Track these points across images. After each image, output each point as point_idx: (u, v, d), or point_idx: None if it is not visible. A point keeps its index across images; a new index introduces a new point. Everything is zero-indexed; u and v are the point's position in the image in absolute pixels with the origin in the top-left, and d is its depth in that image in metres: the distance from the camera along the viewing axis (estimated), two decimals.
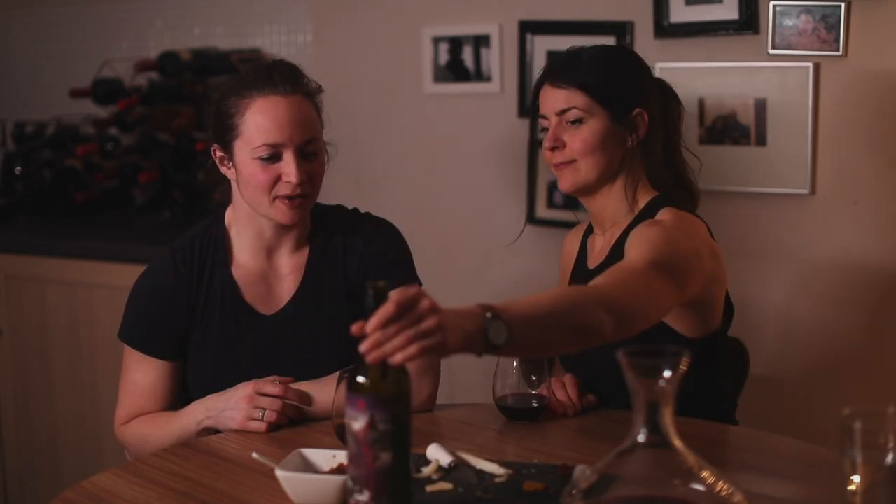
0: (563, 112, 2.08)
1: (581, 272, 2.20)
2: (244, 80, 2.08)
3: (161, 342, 2.13)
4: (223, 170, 2.13)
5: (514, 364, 2.02)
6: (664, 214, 2.06)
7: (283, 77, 2.06)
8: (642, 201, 2.12)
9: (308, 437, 1.96)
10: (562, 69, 2.11)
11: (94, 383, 3.52)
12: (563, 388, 2.04)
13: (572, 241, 2.32)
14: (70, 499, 1.74)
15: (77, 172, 4.03)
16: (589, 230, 2.26)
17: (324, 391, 2.03)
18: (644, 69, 2.17)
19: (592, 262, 2.18)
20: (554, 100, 2.10)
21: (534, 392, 2.02)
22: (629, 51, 2.26)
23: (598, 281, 1.78)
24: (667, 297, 1.83)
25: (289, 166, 2.03)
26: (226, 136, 2.08)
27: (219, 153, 2.11)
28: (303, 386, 2.05)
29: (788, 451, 1.89)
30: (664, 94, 2.19)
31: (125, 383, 2.17)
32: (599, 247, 2.17)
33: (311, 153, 2.07)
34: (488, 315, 1.53)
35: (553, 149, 2.10)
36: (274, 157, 2.04)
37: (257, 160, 2.04)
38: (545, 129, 2.12)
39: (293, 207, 2.06)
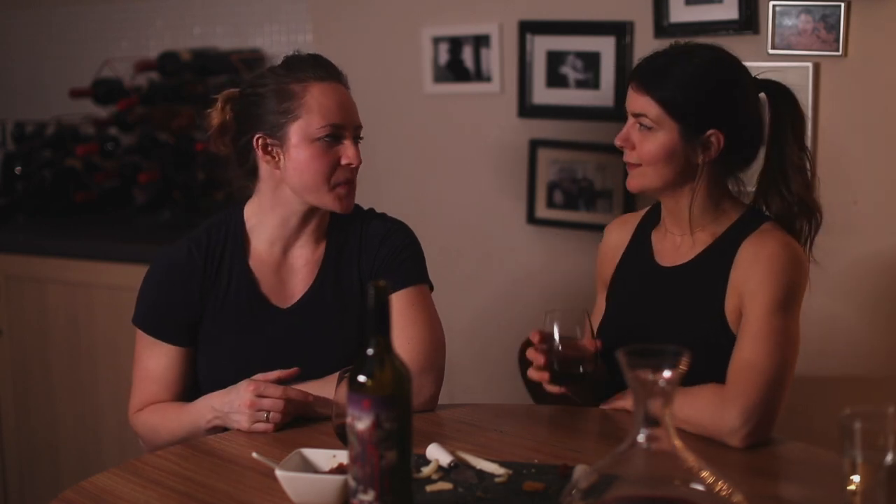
0: (637, 115, 2.08)
1: (649, 269, 2.17)
2: (293, 67, 2.11)
3: (172, 327, 2.13)
4: (266, 159, 2.10)
5: (556, 331, 1.99)
6: (773, 234, 2.04)
7: (331, 66, 2.14)
8: (732, 209, 2.11)
9: (308, 437, 1.96)
10: (649, 75, 2.07)
11: (94, 383, 3.52)
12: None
13: (619, 232, 2.27)
14: (70, 499, 1.74)
15: (77, 172, 4.03)
16: (649, 224, 2.23)
17: (325, 390, 2.03)
18: (738, 85, 2.09)
19: (668, 260, 2.14)
20: (633, 101, 2.09)
21: (579, 357, 1.98)
22: (729, 65, 2.11)
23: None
24: None
25: (349, 149, 2.10)
26: (279, 119, 2.08)
27: (265, 141, 2.10)
28: (304, 386, 2.05)
29: (788, 451, 1.89)
30: (775, 104, 2.13)
31: (138, 370, 2.17)
32: (677, 245, 2.14)
33: (359, 140, 2.15)
34: None
35: (622, 147, 2.11)
36: (336, 138, 2.09)
37: (317, 143, 2.07)
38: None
39: (348, 195, 2.12)
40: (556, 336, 1.98)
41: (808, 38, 2.64)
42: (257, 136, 2.11)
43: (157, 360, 2.14)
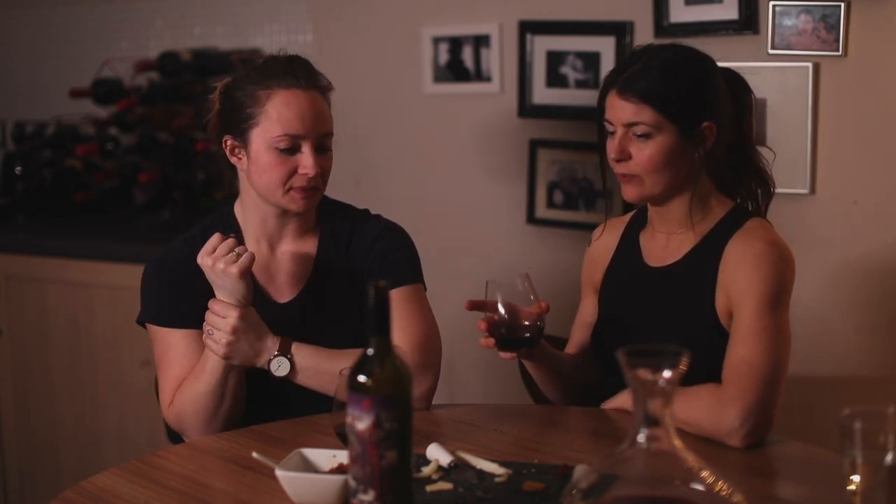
0: (630, 125, 2.03)
1: (639, 270, 2.17)
2: (263, 71, 2.11)
3: (182, 311, 2.13)
4: (233, 160, 2.15)
5: (500, 298, 2.04)
6: (759, 232, 2.04)
7: (303, 71, 2.11)
8: (718, 206, 2.11)
9: (308, 437, 1.96)
10: (631, 79, 2.03)
11: (94, 383, 3.52)
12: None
13: (607, 236, 2.27)
14: (70, 499, 1.74)
15: (77, 172, 4.03)
16: (637, 225, 2.23)
17: (328, 360, 2.06)
18: (714, 74, 2.10)
19: (657, 261, 2.14)
20: (621, 111, 2.04)
21: (526, 322, 2.04)
22: (698, 56, 2.10)
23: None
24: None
25: (307, 159, 2.08)
26: (242, 124, 2.11)
27: (231, 142, 2.14)
28: (309, 348, 2.08)
29: (788, 451, 1.89)
30: (733, 89, 2.13)
31: (162, 366, 2.15)
32: (664, 245, 2.14)
33: (325, 148, 2.12)
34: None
35: (619, 160, 2.06)
36: (293, 148, 2.08)
37: (275, 150, 2.08)
38: (611, 133, 2.08)
39: (305, 197, 2.10)
40: (500, 303, 2.04)
41: (808, 38, 2.64)
42: (225, 137, 2.15)
43: (177, 350, 2.13)
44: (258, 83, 2.10)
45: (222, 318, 2.04)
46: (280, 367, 2.07)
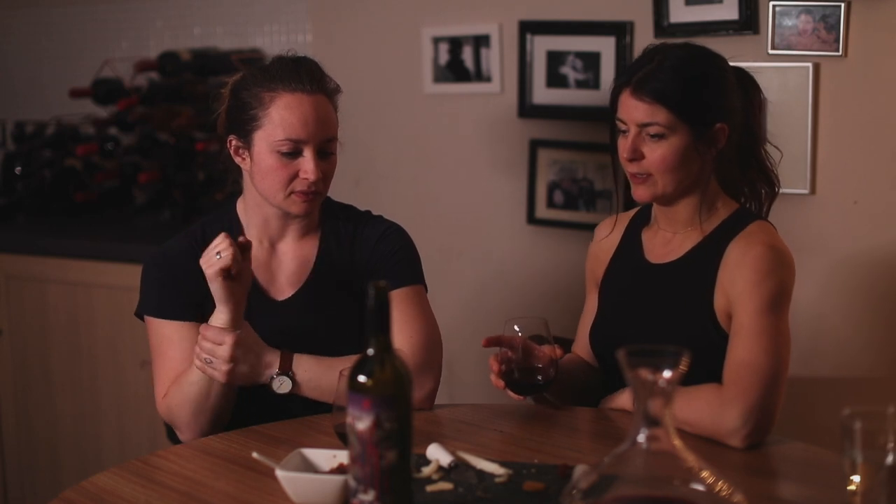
0: (644, 125, 2.03)
1: (640, 266, 2.17)
2: (269, 73, 2.11)
3: (180, 303, 2.13)
4: (237, 160, 2.16)
5: (516, 336, 2.02)
6: (760, 236, 2.03)
7: (309, 75, 2.11)
8: (723, 207, 2.11)
9: (308, 437, 1.96)
10: (644, 78, 2.02)
11: (93, 383, 3.52)
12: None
13: (610, 232, 2.27)
14: (70, 499, 1.74)
15: (77, 172, 4.03)
16: (639, 222, 2.23)
17: (329, 371, 2.04)
18: (726, 74, 2.09)
19: (658, 258, 2.15)
20: (635, 110, 2.03)
21: (539, 366, 2.02)
22: (711, 56, 2.10)
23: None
24: None
25: (308, 164, 2.08)
26: (246, 126, 2.11)
27: (235, 143, 2.14)
28: (310, 360, 2.07)
29: (788, 451, 1.89)
30: (744, 87, 2.13)
31: (157, 360, 2.15)
32: (667, 242, 2.15)
33: (328, 152, 2.12)
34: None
35: (632, 160, 2.06)
36: (294, 152, 2.08)
37: (277, 154, 2.08)
38: (623, 132, 2.07)
39: (307, 201, 2.10)
40: (516, 342, 2.02)
41: (808, 39, 2.64)
42: (230, 137, 2.15)
43: (171, 343, 2.12)
44: (263, 85, 2.10)
45: (218, 345, 2.01)
46: (282, 385, 2.06)
